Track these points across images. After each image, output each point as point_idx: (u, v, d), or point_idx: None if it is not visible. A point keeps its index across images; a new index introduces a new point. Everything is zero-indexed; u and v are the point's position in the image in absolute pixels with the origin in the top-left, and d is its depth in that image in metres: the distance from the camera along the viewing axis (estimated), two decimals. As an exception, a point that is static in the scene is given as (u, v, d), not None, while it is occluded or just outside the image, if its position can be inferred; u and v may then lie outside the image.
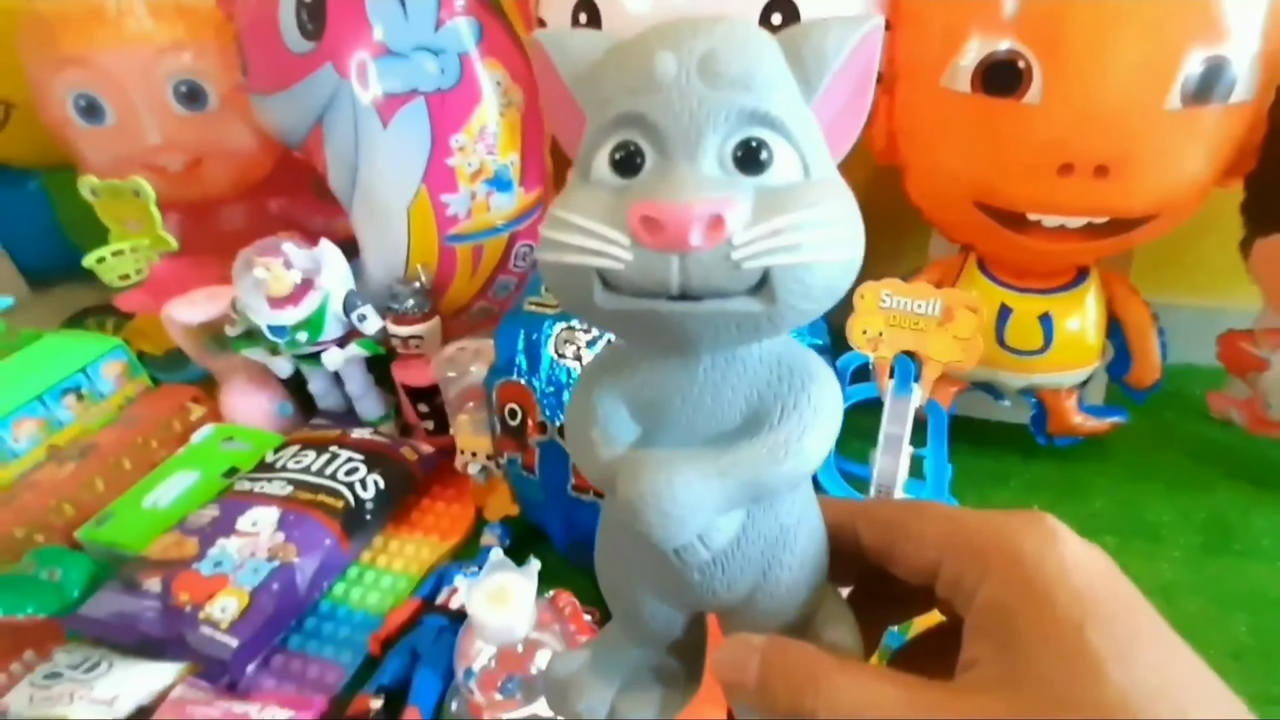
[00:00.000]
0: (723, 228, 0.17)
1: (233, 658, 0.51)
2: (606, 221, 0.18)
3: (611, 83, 0.20)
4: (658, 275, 0.18)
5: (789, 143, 0.19)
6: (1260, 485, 0.68)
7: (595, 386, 0.22)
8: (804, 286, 0.18)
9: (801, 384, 0.21)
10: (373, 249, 0.69)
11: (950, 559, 0.21)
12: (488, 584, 0.46)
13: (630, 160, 0.19)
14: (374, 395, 0.72)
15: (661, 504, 0.20)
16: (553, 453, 0.54)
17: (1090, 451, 0.71)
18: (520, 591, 0.46)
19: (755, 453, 0.21)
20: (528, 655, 0.45)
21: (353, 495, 0.61)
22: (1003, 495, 0.68)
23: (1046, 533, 0.20)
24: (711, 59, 0.19)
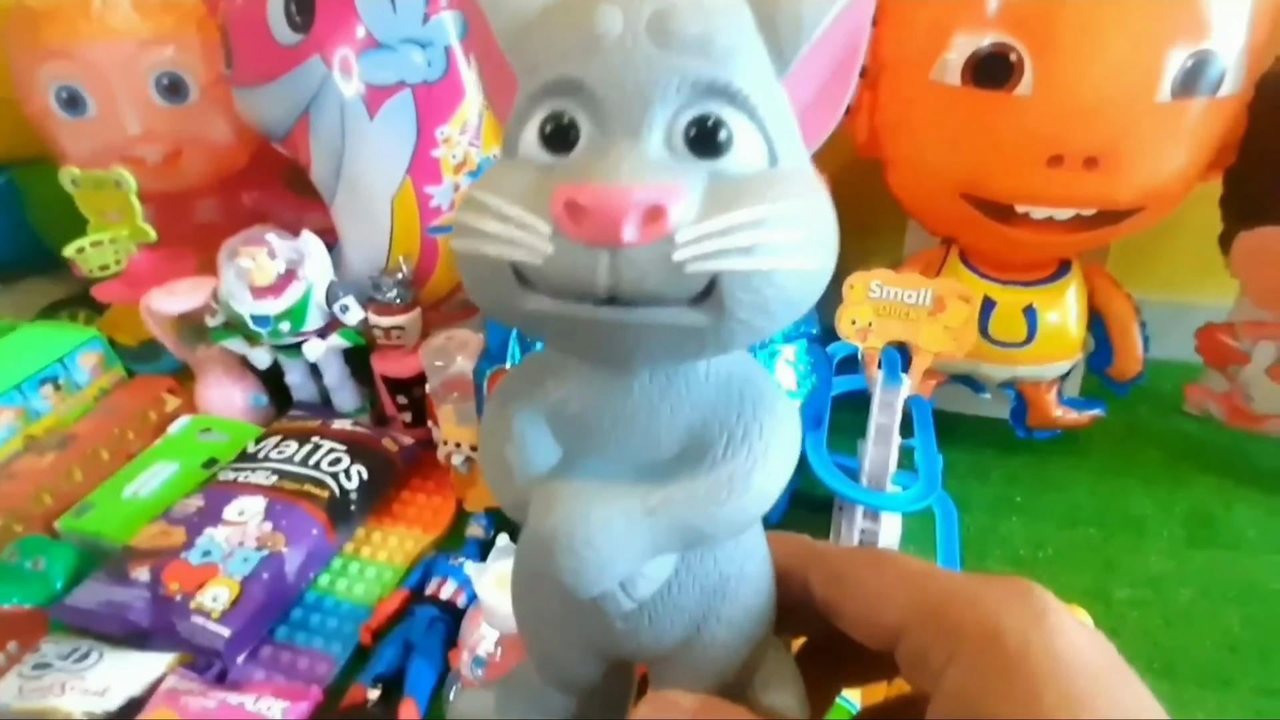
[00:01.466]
0: (664, 220, 0.15)
1: (225, 647, 0.51)
2: (527, 206, 0.15)
3: (545, 42, 0.17)
4: (582, 274, 0.15)
5: (752, 122, 0.16)
6: (1239, 479, 0.69)
7: (512, 398, 0.19)
8: (759, 298, 0.15)
9: (753, 411, 0.18)
10: (355, 240, 0.69)
11: (915, 627, 0.18)
12: (497, 569, 0.47)
13: (562, 134, 0.16)
14: (350, 387, 0.73)
15: (575, 546, 0.17)
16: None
17: (1066, 445, 0.73)
18: None
19: (693, 490, 0.18)
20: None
21: (337, 485, 0.62)
22: (983, 489, 0.70)
23: (1034, 610, 0.17)
24: (665, 16, 0.16)
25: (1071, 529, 0.66)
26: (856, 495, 0.56)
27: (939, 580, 0.18)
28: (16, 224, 0.92)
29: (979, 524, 0.66)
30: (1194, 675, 0.54)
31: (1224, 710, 0.52)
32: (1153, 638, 0.57)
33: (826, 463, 0.56)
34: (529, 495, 0.18)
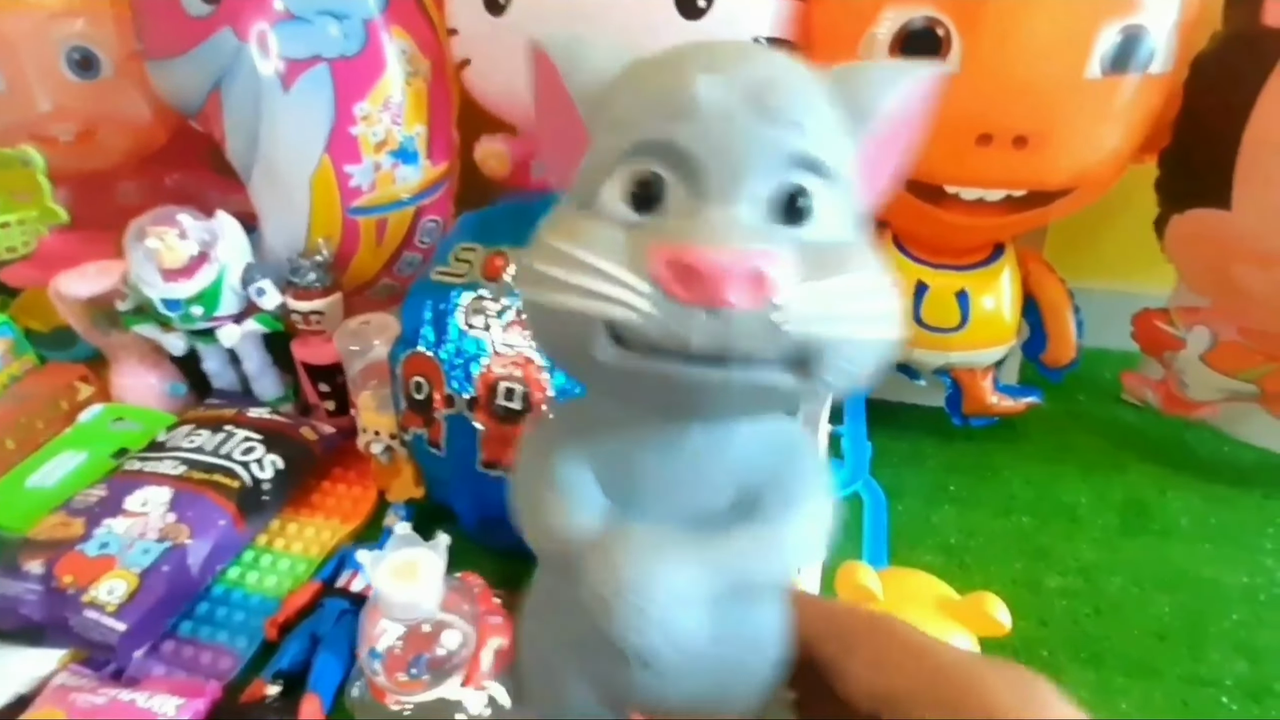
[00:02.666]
0: (765, 285, 0.15)
1: (120, 642, 0.49)
2: (624, 263, 0.16)
3: (634, 103, 0.17)
4: (681, 332, 0.15)
5: (836, 193, 0.17)
6: (1174, 467, 0.69)
7: (557, 446, 0.20)
8: (851, 365, 0.16)
9: (800, 468, 0.19)
10: (273, 221, 0.67)
11: (913, 697, 0.18)
12: (394, 558, 0.45)
13: (650, 194, 0.17)
14: (272, 374, 0.70)
15: (640, 601, 0.17)
16: (460, 427, 0.53)
17: (1005, 433, 0.72)
18: (428, 567, 0.45)
19: (746, 545, 0.18)
20: (434, 635, 0.45)
21: (249, 475, 0.60)
22: (920, 477, 0.69)
23: (1033, 697, 0.18)
24: (764, 91, 0.16)
25: (1005, 517, 0.65)
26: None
27: (941, 655, 0.19)
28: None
29: (912, 512, 0.65)
30: (1121, 664, 0.54)
31: (1149, 700, 0.51)
32: (1081, 626, 0.56)
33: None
34: (575, 546, 0.19)
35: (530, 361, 0.51)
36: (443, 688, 0.44)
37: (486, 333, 0.52)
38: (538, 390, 0.50)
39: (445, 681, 0.44)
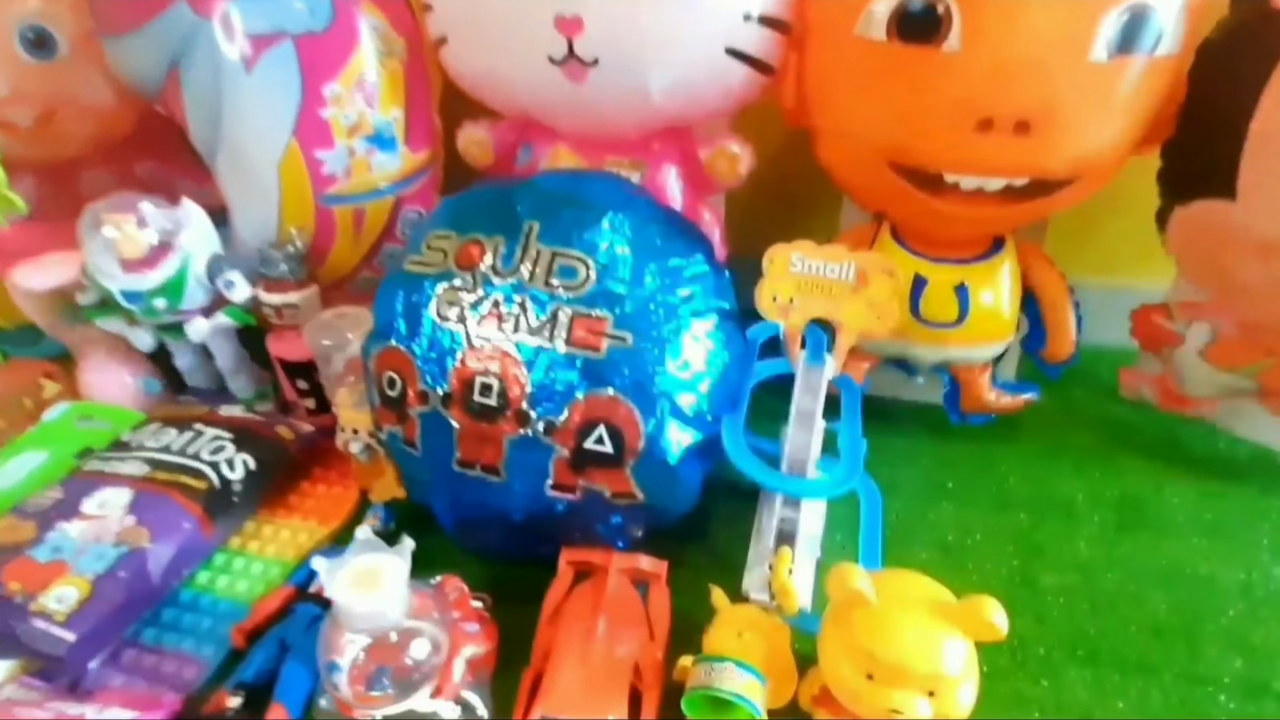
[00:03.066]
0: None
1: (69, 653, 0.46)
2: None
3: None
4: None
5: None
6: (1170, 463, 0.67)
7: None
8: None
9: None
10: (241, 209, 0.63)
11: None
12: (354, 566, 0.42)
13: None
14: (247, 371, 0.67)
15: None
16: (435, 424, 0.50)
17: (1002, 430, 0.70)
18: (391, 573, 0.42)
19: None
20: (401, 645, 0.42)
21: (217, 476, 0.56)
22: (914, 474, 0.66)
23: None
24: None
25: (1001, 514, 0.63)
26: (771, 481, 0.52)
27: None
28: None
29: (908, 510, 0.63)
30: (1118, 662, 0.52)
31: (1146, 698, 0.49)
32: (1078, 624, 0.54)
33: (742, 447, 0.52)
34: None
35: (507, 355, 0.48)
36: (411, 700, 0.41)
37: (461, 325, 0.49)
38: (514, 386, 0.47)
39: (414, 694, 0.41)
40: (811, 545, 0.56)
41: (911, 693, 0.39)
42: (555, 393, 0.47)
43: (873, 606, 0.40)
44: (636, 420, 0.48)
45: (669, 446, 0.49)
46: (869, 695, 0.40)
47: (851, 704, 0.41)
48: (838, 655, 0.41)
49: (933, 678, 0.39)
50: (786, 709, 0.46)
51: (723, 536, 0.59)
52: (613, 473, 0.48)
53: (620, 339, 0.48)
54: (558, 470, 0.48)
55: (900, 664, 0.39)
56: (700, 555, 0.58)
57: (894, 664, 0.39)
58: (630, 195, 0.54)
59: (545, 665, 0.46)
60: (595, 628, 0.47)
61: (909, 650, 0.39)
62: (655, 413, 0.48)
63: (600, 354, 0.48)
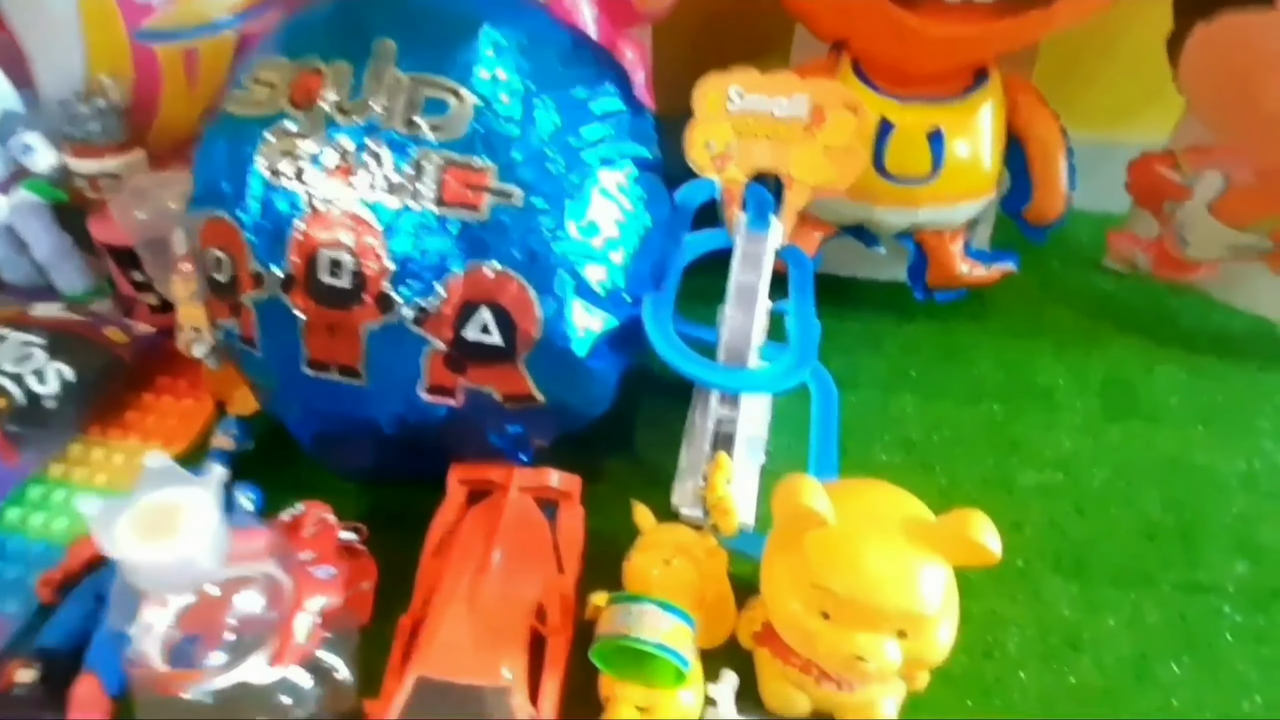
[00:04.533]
0: None
1: None
2: None
3: None
4: None
5: None
6: (1161, 342, 0.58)
7: None
8: None
9: None
10: (40, 55, 0.48)
11: None
12: (141, 508, 0.31)
13: None
14: (75, 262, 0.53)
15: None
16: (275, 315, 0.37)
17: (972, 309, 0.60)
18: (195, 514, 0.31)
19: None
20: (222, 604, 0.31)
21: (23, 391, 0.43)
22: (873, 362, 0.56)
23: None
24: None
25: (973, 405, 0.53)
26: (704, 374, 0.41)
27: None
28: None
29: (867, 403, 0.53)
30: (1108, 572, 0.44)
31: (1141, 613, 0.42)
32: (1062, 529, 0.46)
33: (668, 333, 0.40)
34: None
35: (359, 221, 0.35)
36: (242, 669, 0.30)
37: (299, 183, 0.35)
38: (371, 261, 0.35)
39: (243, 661, 0.30)
40: (754, 450, 0.46)
41: (878, 634, 0.30)
42: (425, 268, 0.35)
43: (829, 528, 0.30)
44: (531, 301, 0.35)
45: (573, 334, 0.37)
46: (825, 638, 0.30)
47: (803, 647, 0.32)
48: (785, 589, 0.31)
49: (905, 616, 0.30)
50: (724, 648, 0.37)
51: (650, 444, 0.49)
52: (503, 369, 0.36)
53: (506, 195, 0.35)
54: (433, 368, 0.36)
55: (864, 600, 0.29)
56: (623, 467, 0.48)
57: (856, 600, 0.29)
58: (519, 3, 0.39)
59: (428, 611, 0.36)
60: (488, 562, 0.37)
61: (875, 583, 0.29)
62: (554, 291, 0.36)
63: (481, 216, 0.35)
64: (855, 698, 0.34)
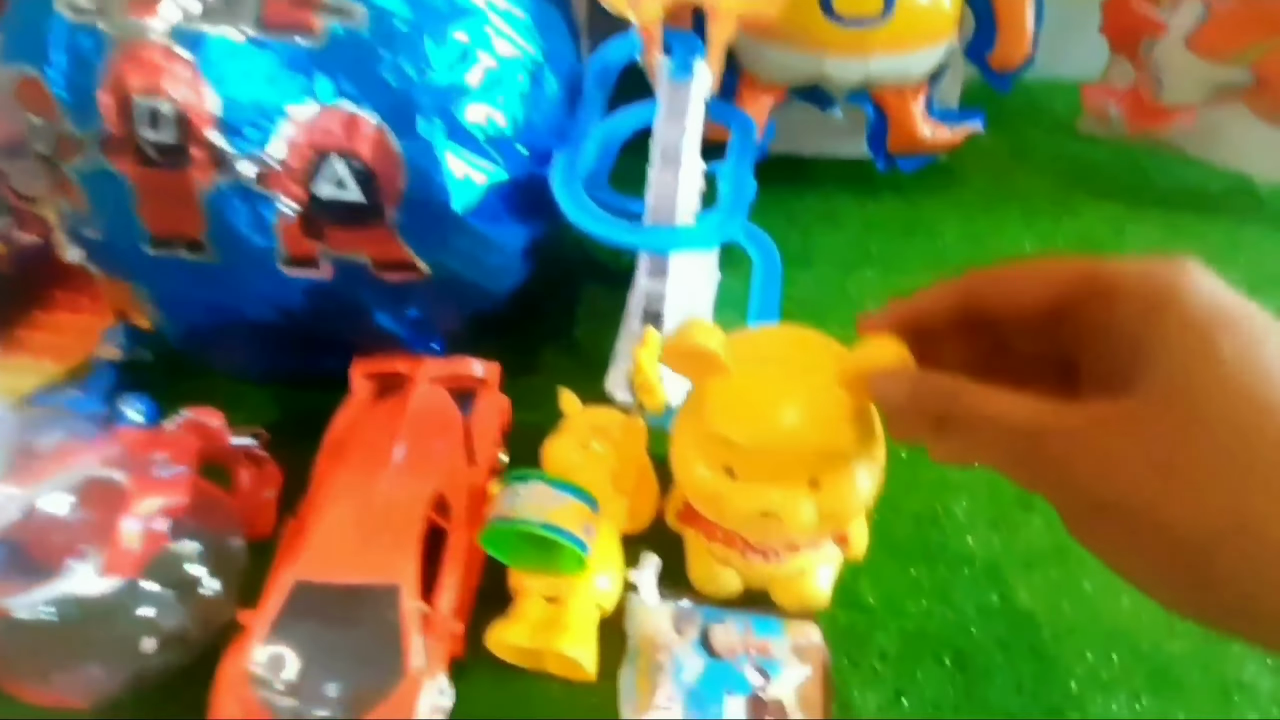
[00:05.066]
0: None
1: None
2: None
3: None
4: None
5: None
6: (1132, 203, 0.53)
7: None
8: None
9: None
10: None
11: (1075, 291, 0.19)
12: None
13: None
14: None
15: None
16: (102, 185, 0.31)
17: (937, 179, 0.54)
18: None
19: None
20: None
21: None
22: (832, 238, 0.50)
23: (1181, 264, 0.18)
24: None
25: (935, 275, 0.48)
26: (620, 234, 0.35)
27: (1098, 261, 0.19)
28: None
29: (824, 279, 0.48)
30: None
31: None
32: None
33: (576, 193, 0.34)
34: None
35: (175, 57, 0.28)
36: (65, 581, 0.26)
37: (103, 17, 0.29)
38: (197, 106, 0.28)
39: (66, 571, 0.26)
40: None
41: (786, 486, 0.26)
42: (255, 111, 0.29)
43: (729, 375, 0.25)
44: (390, 146, 0.29)
45: (449, 184, 0.31)
46: (732, 497, 0.26)
47: (713, 511, 0.28)
48: (689, 450, 0.27)
49: (812, 458, 0.25)
50: (652, 531, 0.32)
51: (592, 334, 0.43)
52: (370, 231, 0.30)
53: (346, 13, 0.28)
54: (288, 235, 0.30)
55: (766, 445, 0.25)
56: (563, 357, 0.43)
57: (758, 446, 0.25)
58: None
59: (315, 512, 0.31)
60: (388, 458, 0.32)
61: (775, 425, 0.25)
62: (419, 134, 0.30)
63: (316, 40, 0.28)
64: (786, 568, 0.30)
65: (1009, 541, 0.34)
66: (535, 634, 0.28)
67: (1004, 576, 0.33)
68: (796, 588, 0.31)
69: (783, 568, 0.30)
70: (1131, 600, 0.32)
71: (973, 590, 0.33)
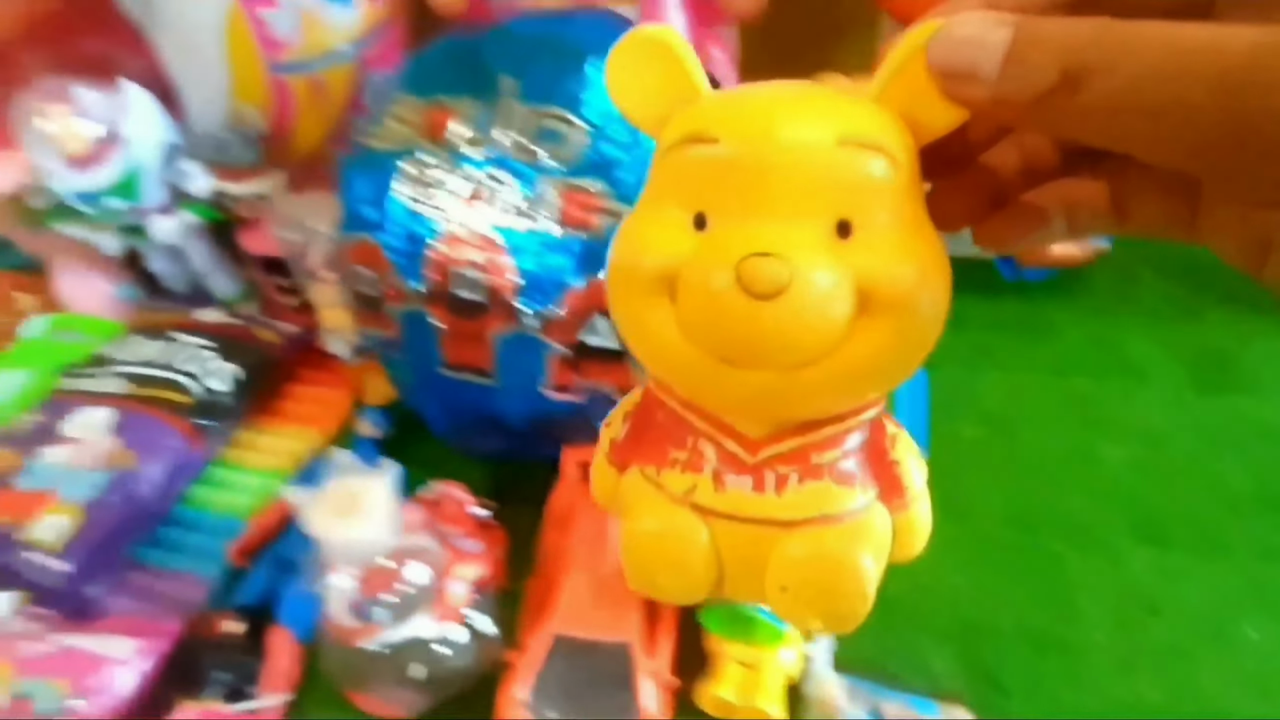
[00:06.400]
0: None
1: (67, 583, 0.44)
2: None
3: None
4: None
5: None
6: (1260, 310, 0.59)
7: None
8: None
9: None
10: (189, 87, 0.55)
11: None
12: (331, 494, 0.38)
13: None
14: (225, 270, 0.61)
15: None
16: (416, 325, 0.44)
17: (1062, 285, 0.62)
18: (375, 498, 0.39)
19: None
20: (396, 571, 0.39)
21: (202, 387, 0.52)
22: (957, 339, 0.58)
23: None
24: None
25: (1059, 379, 0.57)
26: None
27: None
28: None
29: (950, 379, 0.56)
30: (1187, 541, 0.47)
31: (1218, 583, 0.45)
32: (1145, 502, 0.49)
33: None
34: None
35: (490, 242, 0.41)
36: (410, 624, 0.38)
37: (435, 209, 0.42)
38: (501, 277, 0.41)
39: (411, 618, 0.38)
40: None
41: (794, 223, 0.17)
42: (548, 283, 0.41)
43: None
44: (639, 308, 0.41)
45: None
46: (701, 255, 0.18)
47: (664, 310, 0.19)
48: (635, 216, 0.21)
49: (835, 173, 0.18)
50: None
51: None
52: (616, 367, 0.43)
53: (618, 215, 0.41)
54: (555, 369, 0.43)
55: (756, 139, 0.18)
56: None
57: (744, 142, 0.18)
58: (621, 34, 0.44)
59: (554, 576, 0.43)
60: (605, 532, 0.43)
61: (772, 109, 0.18)
62: (660, 297, 0.42)
63: (597, 234, 0.41)
64: (790, 509, 0.20)
65: (1135, 640, 0.42)
66: (740, 692, 0.38)
67: (1133, 671, 0.41)
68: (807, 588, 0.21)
69: (785, 506, 0.20)
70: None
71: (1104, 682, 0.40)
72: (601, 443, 0.25)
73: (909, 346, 0.19)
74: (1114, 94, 0.14)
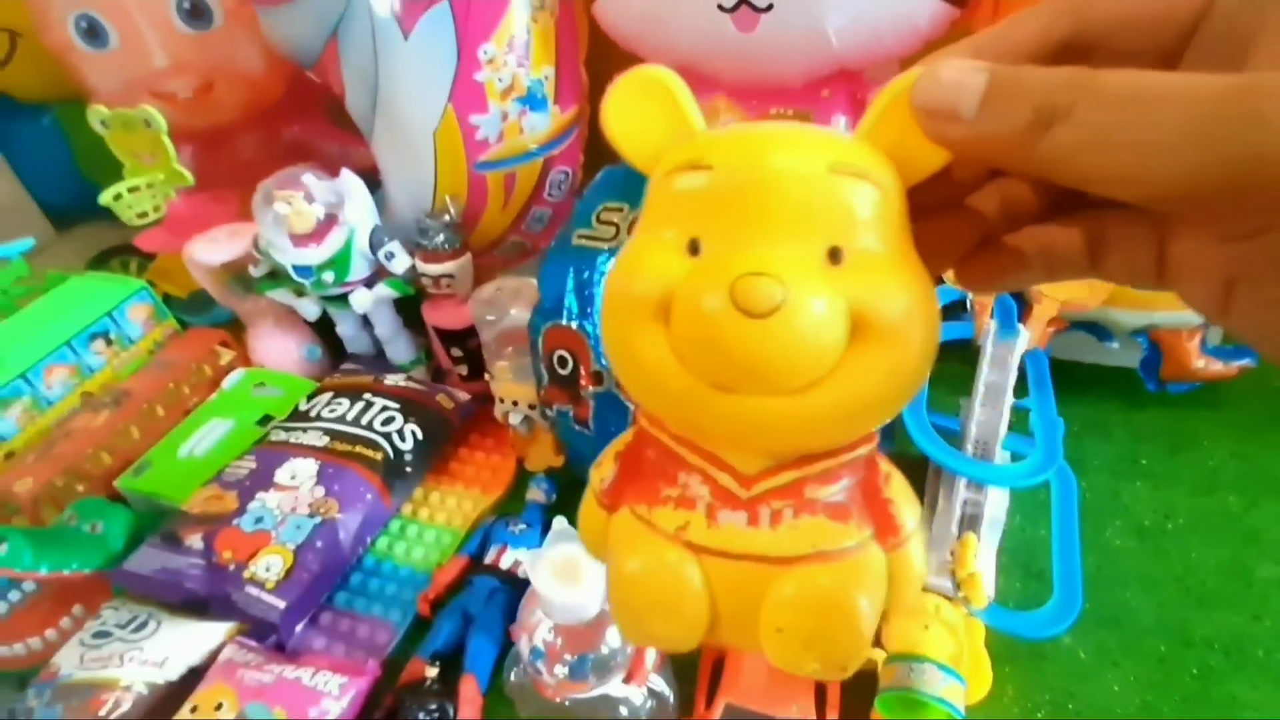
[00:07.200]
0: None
1: (281, 619, 0.50)
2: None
3: None
4: None
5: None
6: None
7: None
8: None
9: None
10: (397, 178, 0.65)
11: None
12: (553, 556, 0.44)
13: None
14: (404, 338, 0.69)
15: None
16: (611, 405, 0.50)
17: (1204, 399, 0.64)
18: (591, 566, 0.44)
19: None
20: (596, 632, 0.44)
21: (391, 446, 0.60)
22: (1103, 449, 0.62)
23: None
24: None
25: (1208, 495, 0.59)
26: (962, 466, 0.50)
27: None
28: (64, 166, 0.91)
29: (1098, 488, 0.59)
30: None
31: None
32: (1304, 624, 0.50)
33: (924, 425, 0.50)
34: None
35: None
36: (607, 685, 0.43)
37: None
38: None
39: (608, 679, 0.43)
40: (994, 530, 0.54)
41: (788, 245, 0.18)
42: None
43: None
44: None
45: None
46: (696, 277, 0.19)
47: (657, 335, 0.20)
48: (632, 244, 0.21)
49: (828, 201, 0.19)
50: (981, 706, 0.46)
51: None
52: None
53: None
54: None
55: (749, 165, 0.19)
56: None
57: (739, 168, 0.19)
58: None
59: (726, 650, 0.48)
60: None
61: (764, 140, 0.20)
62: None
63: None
64: (788, 542, 0.21)
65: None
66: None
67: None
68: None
69: (780, 542, 0.21)
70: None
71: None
72: (591, 484, 0.25)
73: (901, 377, 0.19)
74: (1082, 132, 0.16)
